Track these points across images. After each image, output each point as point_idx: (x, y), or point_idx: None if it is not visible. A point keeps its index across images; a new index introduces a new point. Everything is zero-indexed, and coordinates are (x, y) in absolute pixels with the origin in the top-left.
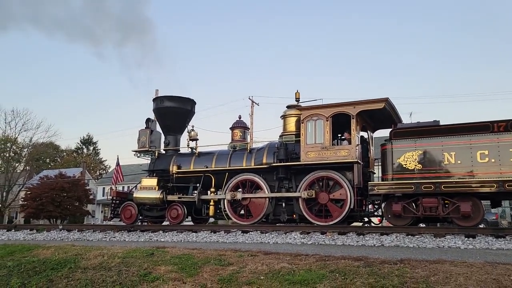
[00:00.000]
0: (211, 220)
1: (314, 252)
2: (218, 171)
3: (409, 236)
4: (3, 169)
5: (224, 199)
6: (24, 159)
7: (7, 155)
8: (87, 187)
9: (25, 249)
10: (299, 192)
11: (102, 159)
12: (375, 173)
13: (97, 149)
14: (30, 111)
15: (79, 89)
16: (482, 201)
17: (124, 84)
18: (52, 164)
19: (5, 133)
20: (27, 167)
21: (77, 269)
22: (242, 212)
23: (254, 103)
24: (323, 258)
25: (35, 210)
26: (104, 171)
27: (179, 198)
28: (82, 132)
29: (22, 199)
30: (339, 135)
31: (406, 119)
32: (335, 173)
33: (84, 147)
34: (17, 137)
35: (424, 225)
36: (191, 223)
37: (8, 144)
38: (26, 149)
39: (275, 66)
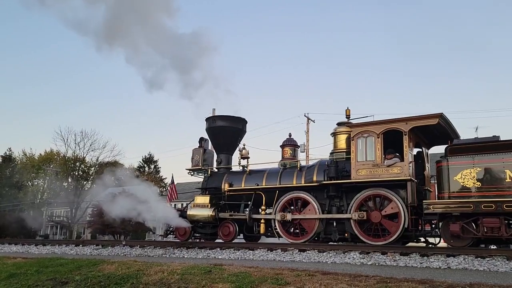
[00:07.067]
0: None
1: (374, 273)
2: (268, 189)
3: (479, 258)
4: (72, 187)
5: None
6: (91, 177)
7: (76, 173)
8: None
9: (91, 263)
10: (349, 213)
11: (163, 177)
12: (431, 191)
13: (158, 168)
14: (97, 132)
15: (139, 109)
16: None
17: (183, 103)
18: (116, 182)
19: (74, 153)
20: (94, 185)
21: (139, 285)
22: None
23: (310, 120)
24: (384, 280)
25: (100, 226)
26: (164, 189)
27: (230, 215)
28: (144, 151)
29: (89, 216)
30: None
31: (471, 134)
32: (387, 191)
33: (145, 165)
34: (85, 157)
35: (495, 247)
36: (243, 240)
37: (77, 164)
38: (93, 168)
39: (329, 82)
